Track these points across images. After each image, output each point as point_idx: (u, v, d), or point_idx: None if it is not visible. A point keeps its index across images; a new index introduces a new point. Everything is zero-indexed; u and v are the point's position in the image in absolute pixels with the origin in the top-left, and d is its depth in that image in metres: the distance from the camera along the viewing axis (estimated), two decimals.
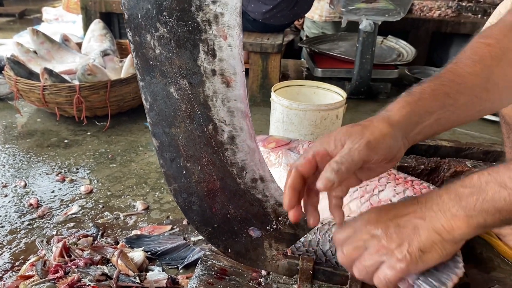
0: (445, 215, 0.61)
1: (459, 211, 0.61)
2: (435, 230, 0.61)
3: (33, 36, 2.29)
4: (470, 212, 0.60)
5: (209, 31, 0.75)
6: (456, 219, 0.61)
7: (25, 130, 1.95)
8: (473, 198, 0.60)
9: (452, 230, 0.61)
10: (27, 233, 1.27)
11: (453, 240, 0.62)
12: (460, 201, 0.61)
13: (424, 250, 0.62)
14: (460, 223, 0.61)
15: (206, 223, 0.92)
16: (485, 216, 0.60)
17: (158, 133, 0.87)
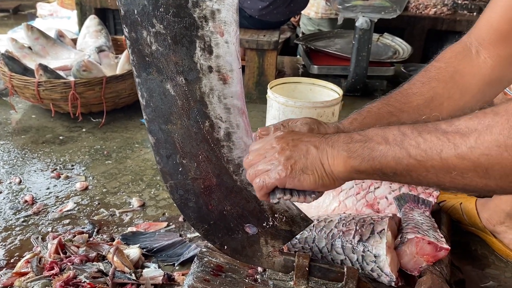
0: (333, 151, 0.70)
1: (343, 152, 0.69)
2: (320, 160, 0.70)
3: (27, 31, 2.27)
4: (350, 154, 0.68)
5: (205, 27, 0.75)
6: (338, 157, 0.69)
7: (20, 126, 1.94)
8: (359, 144, 0.68)
9: (333, 165, 0.70)
10: (22, 230, 1.26)
11: (332, 175, 0.70)
12: (349, 144, 0.69)
13: (305, 171, 0.71)
14: (340, 161, 0.69)
15: (202, 220, 0.92)
16: (361, 161, 0.67)
17: (155, 129, 0.87)
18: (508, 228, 1.20)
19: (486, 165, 0.58)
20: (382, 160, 0.65)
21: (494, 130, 0.57)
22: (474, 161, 0.58)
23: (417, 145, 0.62)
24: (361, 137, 0.69)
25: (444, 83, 0.89)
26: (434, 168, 0.62)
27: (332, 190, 1.23)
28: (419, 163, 0.62)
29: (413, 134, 0.64)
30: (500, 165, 0.57)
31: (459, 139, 0.59)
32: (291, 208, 0.88)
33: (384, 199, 1.18)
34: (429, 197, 1.16)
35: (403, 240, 0.98)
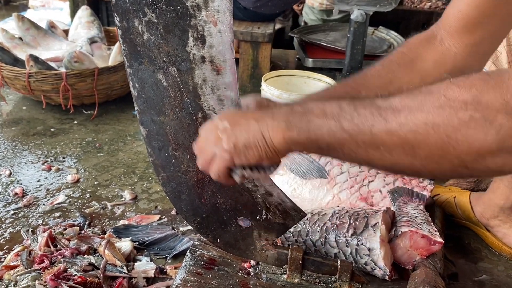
0: (273, 123, 0.69)
1: (282, 123, 0.68)
2: (261, 133, 0.69)
3: (18, 22, 2.24)
4: (289, 125, 0.67)
5: (198, 16, 0.73)
6: (278, 129, 0.68)
7: (10, 118, 1.91)
8: (298, 115, 0.68)
9: (274, 137, 0.68)
10: (12, 222, 1.24)
11: (273, 147, 0.69)
12: (289, 116, 0.68)
13: (248, 146, 0.69)
14: (279, 132, 0.68)
15: (195, 213, 0.91)
16: (298, 132, 0.67)
17: (146, 121, 0.86)
18: (501, 222, 1.20)
19: (413, 142, 0.58)
20: (318, 132, 0.65)
21: (424, 108, 0.57)
22: (402, 138, 0.58)
23: (351, 119, 0.62)
24: (301, 109, 0.69)
25: (404, 67, 0.88)
26: (365, 143, 0.62)
27: (326, 184, 1.23)
28: (351, 137, 0.62)
29: (349, 108, 0.63)
30: (426, 143, 0.57)
31: (390, 114, 0.59)
32: (284, 201, 0.87)
33: (378, 192, 1.18)
34: (423, 191, 1.15)
35: (397, 233, 0.98)
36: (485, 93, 0.54)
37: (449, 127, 0.55)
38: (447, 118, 0.55)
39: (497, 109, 0.52)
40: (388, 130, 0.59)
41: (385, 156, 0.61)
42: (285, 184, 1.28)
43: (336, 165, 1.26)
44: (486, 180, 1.41)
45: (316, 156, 1.30)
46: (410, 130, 0.57)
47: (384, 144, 0.60)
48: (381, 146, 0.60)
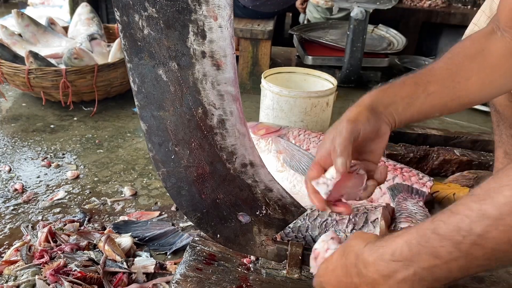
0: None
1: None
2: None
3: (17, 18, 2.23)
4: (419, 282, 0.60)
5: (199, 11, 0.73)
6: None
7: (10, 114, 1.91)
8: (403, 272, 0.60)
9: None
10: (12, 218, 1.24)
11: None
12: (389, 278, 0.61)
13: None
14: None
15: (195, 208, 0.91)
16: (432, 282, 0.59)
17: (146, 116, 0.86)
18: None
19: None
20: (448, 276, 0.58)
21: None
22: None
23: (468, 234, 0.55)
24: (399, 265, 0.60)
25: (472, 58, 0.85)
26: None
27: None
28: (483, 250, 0.55)
29: (449, 235, 0.57)
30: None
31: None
32: (284, 197, 0.87)
33: (378, 188, 1.18)
34: (423, 188, 1.15)
35: (396, 229, 0.98)
36: None
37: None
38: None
39: None
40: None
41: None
42: (285, 181, 1.28)
43: None
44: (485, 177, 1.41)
45: None
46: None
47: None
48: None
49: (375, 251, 0.63)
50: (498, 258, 0.55)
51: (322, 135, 1.38)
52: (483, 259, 0.55)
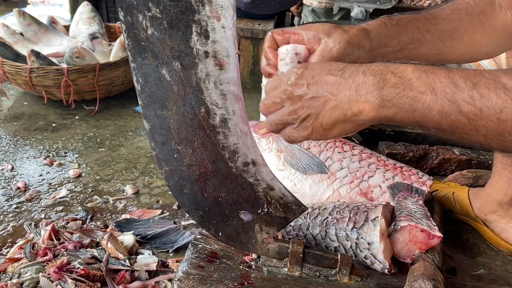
0: (360, 98, 0.61)
1: (375, 99, 0.60)
2: (341, 110, 0.63)
3: (19, 17, 2.24)
4: (384, 103, 0.59)
5: (202, 11, 0.74)
6: (367, 105, 0.61)
7: (12, 113, 1.92)
8: (395, 90, 0.59)
9: (359, 113, 0.62)
10: (15, 216, 1.25)
11: (356, 122, 0.64)
12: (382, 89, 0.60)
13: (326, 127, 0.66)
14: (370, 109, 0.61)
15: (197, 207, 0.92)
16: (397, 111, 0.59)
17: (150, 115, 0.86)
18: (499, 217, 1.21)
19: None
20: (425, 113, 0.57)
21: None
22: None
23: (472, 101, 0.54)
24: (397, 80, 0.59)
25: (471, 18, 0.84)
26: (486, 128, 0.55)
27: (326, 179, 1.24)
28: (470, 121, 0.55)
29: (467, 86, 0.55)
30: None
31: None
32: (286, 195, 0.88)
33: (378, 187, 1.19)
34: (422, 186, 1.16)
35: (396, 227, 0.99)
36: None
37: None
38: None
39: None
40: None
41: (507, 143, 0.56)
42: (286, 179, 1.29)
43: (336, 161, 1.27)
44: (484, 176, 1.42)
45: (316, 151, 1.31)
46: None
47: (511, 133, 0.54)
48: (507, 133, 0.54)
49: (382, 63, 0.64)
50: (479, 128, 0.55)
51: None
52: (466, 119, 0.55)
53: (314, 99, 0.65)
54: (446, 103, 0.56)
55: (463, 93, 0.55)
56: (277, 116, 0.72)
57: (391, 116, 0.60)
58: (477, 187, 1.37)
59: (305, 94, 0.66)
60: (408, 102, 0.58)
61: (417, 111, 0.58)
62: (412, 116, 0.59)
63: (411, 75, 0.59)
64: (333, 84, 0.64)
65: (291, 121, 0.70)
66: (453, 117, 0.56)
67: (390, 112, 0.60)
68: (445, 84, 0.56)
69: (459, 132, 0.57)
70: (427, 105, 0.57)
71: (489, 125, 0.55)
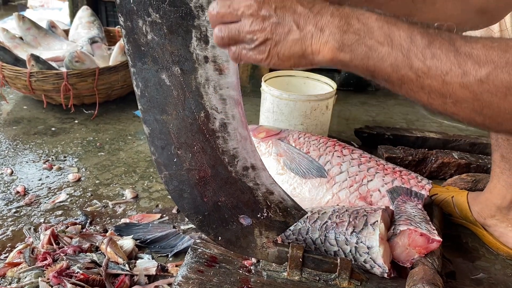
0: (321, 36, 0.60)
1: (334, 42, 0.60)
2: (302, 45, 0.62)
3: (19, 22, 2.25)
4: (343, 47, 0.59)
5: (202, 17, 0.74)
6: (327, 47, 0.60)
7: (11, 117, 1.92)
8: (355, 36, 0.59)
9: (317, 53, 0.61)
10: (14, 220, 1.25)
11: (311, 60, 0.63)
12: (344, 33, 0.59)
13: (282, 58, 0.63)
14: (328, 51, 0.60)
15: (197, 211, 0.92)
16: (354, 57, 0.59)
17: (149, 120, 0.87)
18: (498, 221, 1.21)
19: (486, 102, 0.54)
20: (378, 64, 0.58)
21: (511, 70, 0.52)
22: (476, 95, 0.54)
23: (423, 58, 0.55)
24: (360, 26, 0.59)
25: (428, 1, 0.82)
26: (431, 88, 0.56)
27: (326, 183, 1.24)
28: (417, 78, 0.56)
29: (422, 43, 0.56)
30: (499, 106, 0.54)
31: (470, 66, 0.53)
32: (285, 200, 0.88)
33: (377, 191, 1.19)
34: (422, 190, 1.17)
35: (395, 231, 0.99)
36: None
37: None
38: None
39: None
40: (463, 84, 0.54)
41: (448, 105, 0.57)
42: (285, 183, 1.29)
43: (335, 165, 1.27)
44: (483, 180, 1.42)
45: (316, 155, 1.31)
46: (488, 91, 0.53)
47: (453, 96, 0.55)
48: (448, 96, 0.56)
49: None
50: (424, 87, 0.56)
51: (322, 138, 1.40)
52: (415, 75, 0.56)
53: (279, 26, 0.63)
54: (399, 57, 0.57)
55: (417, 50, 0.56)
56: (232, 30, 0.66)
57: (347, 61, 0.60)
58: (476, 191, 1.38)
59: (270, 16, 0.63)
60: (365, 50, 0.58)
61: (371, 59, 0.58)
62: (366, 64, 0.59)
63: (373, 23, 0.59)
64: (300, 15, 0.62)
65: (246, 40, 0.65)
66: (403, 71, 0.57)
67: (347, 57, 0.60)
68: (403, 38, 0.57)
69: (406, 87, 0.58)
70: (382, 55, 0.58)
71: (434, 85, 0.56)
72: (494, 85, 0.53)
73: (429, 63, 0.55)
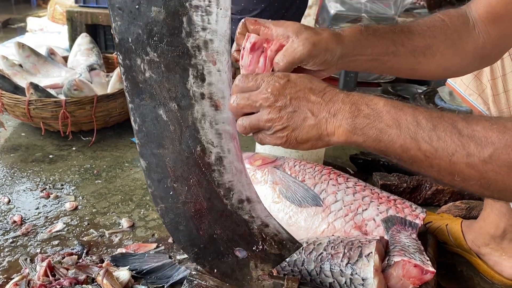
0: (335, 122, 0.67)
1: (347, 126, 0.66)
2: (318, 130, 0.68)
3: (18, 49, 2.28)
4: (355, 131, 0.66)
5: (198, 56, 0.77)
6: (340, 130, 0.67)
7: (9, 144, 1.93)
8: (366, 120, 0.65)
9: (333, 136, 0.68)
10: (11, 251, 1.25)
11: (327, 142, 0.69)
12: (355, 117, 0.66)
13: (300, 141, 0.70)
14: (341, 134, 0.67)
15: (192, 244, 0.93)
16: (366, 139, 0.65)
17: (146, 154, 0.88)
18: (492, 250, 1.22)
19: (492, 180, 0.59)
20: (389, 145, 0.63)
21: (510, 151, 0.57)
22: (482, 174, 0.59)
23: (430, 141, 0.61)
24: (369, 111, 0.65)
25: (445, 37, 0.88)
26: (440, 167, 0.61)
27: (321, 212, 1.25)
28: (426, 158, 0.62)
29: (427, 126, 0.62)
30: (504, 183, 0.58)
31: (473, 148, 0.59)
32: (280, 232, 0.89)
33: (372, 221, 1.20)
34: (416, 220, 1.18)
35: (390, 262, 1.00)
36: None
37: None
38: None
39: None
40: (468, 164, 0.59)
41: (456, 182, 0.62)
42: (281, 212, 1.30)
43: (330, 193, 1.28)
44: (477, 207, 1.44)
45: (311, 184, 1.33)
46: (492, 170, 0.58)
47: (461, 174, 0.60)
48: (457, 174, 0.60)
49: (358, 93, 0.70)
50: (433, 165, 0.62)
51: (317, 165, 1.41)
52: (424, 156, 0.62)
53: (295, 114, 0.69)
54: (408, 139, 0.62)
55: (424, 133, 0.62)
56: (253, 120, 0.74)
57: (360, 143, 0.66)
58: (470, 218, 1.39)
59: (286, 106, 0.70)
60: (376, 133, 0.64)
61: (382, 142, 0.64)
62: (378, 145, 0.65)
63: (382, 108, 0.65)
64: (314, 104, 0.69)
65: (266, 128, 0.72)
66: (412, 152, 0.62)
67: (360, 139, 0.66)
68: (409, 122, 0.63)
69: (417, 165, 0.64)
70: (392, 138, 0.63)
71: (442, 164, 0.61)
72: (497, 164, 0.58)
73: (436, 145, 0.61)
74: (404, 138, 0.62)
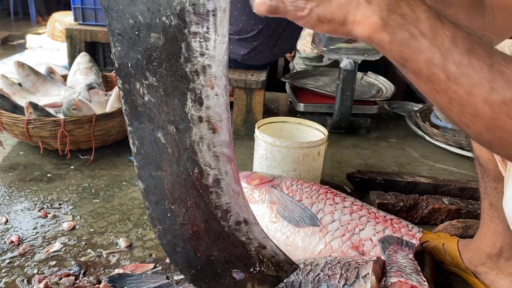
0: (366, 10, 0.58)
1: (378, 18, 0.58)
2: (345, 12, 0.60)
3: (18, 68, 2.30)
4: (386, 27, 0.58)
5: (197, 81, 0.78)
6: (369, 21, 0.58)
7: (7, 163, 1.93)
8: (401, 20, 0.57)
9: (357, 25, 0.59)
10: (8, 272, 1.25)
11: (349, 31, 0.61)
12: (390, 12, 0.58)
13: (322, 19, 0.61)
14: (368, 26, 0.58)
15: (190, 265, 0.93)
16: (393, 39, 0.58)
17: (144, 176, 0.89)
18: (489, 269, 1.23)
19: (501, 124, 0.55)
20: (414, 54, 0.57)
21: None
22: (495, 114, 0.54)
23: (459, 64, 0.55)
24: (408, 11, 0.57)
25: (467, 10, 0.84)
26: (455, 94, 0.56)
27: (318, 231, 1.26)
28: (446, 81, 0.56)
29: (463, 47, 0.56)
30: (510, 131, 0.55)
31: (499, 85, 0.54)
32: (277, 254, 0.90)
33: (369, 241, 1.21)
34: (412, 239, 1.19)
35: (386, 283, 1.00)
36: None
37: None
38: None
39: None
40: (487, 100, 0.54)
41: (464, 115, 0.57)
42: (278, 232, 1.30)
43: (327, 213, 1.29)
44: (474, 226, 1.45)
45: (308, 203, 1.33)
46: (507, 114, 0.54)
47: (473, 107, 0.56)
48: (468, 108, 0.56)
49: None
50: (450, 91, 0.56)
51: (314, 185, 1.42)
52: (446, 77, 0.56)
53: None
54: (437, 54, 0.56)
55: (456, 53, 0.56)
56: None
57: (384, 42, 0.58)
58: (466, 237, 1.40)
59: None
60: (407, 36, 0.57)
61: (409, 48, 0.57)
62: (402, 51, 0.58)
63: (422, 13, 0.58)
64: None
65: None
66: (435, 70, 0.57)
67: (386, 38, 0.58)
68: (446, 36, 0.56)
69: (431, 86, 0.58)
70: (421, 47, 0.57)
71: (459, 92, 0.56)
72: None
73: (463, 70, 0.55)
74: (434, 52, 0.56)
